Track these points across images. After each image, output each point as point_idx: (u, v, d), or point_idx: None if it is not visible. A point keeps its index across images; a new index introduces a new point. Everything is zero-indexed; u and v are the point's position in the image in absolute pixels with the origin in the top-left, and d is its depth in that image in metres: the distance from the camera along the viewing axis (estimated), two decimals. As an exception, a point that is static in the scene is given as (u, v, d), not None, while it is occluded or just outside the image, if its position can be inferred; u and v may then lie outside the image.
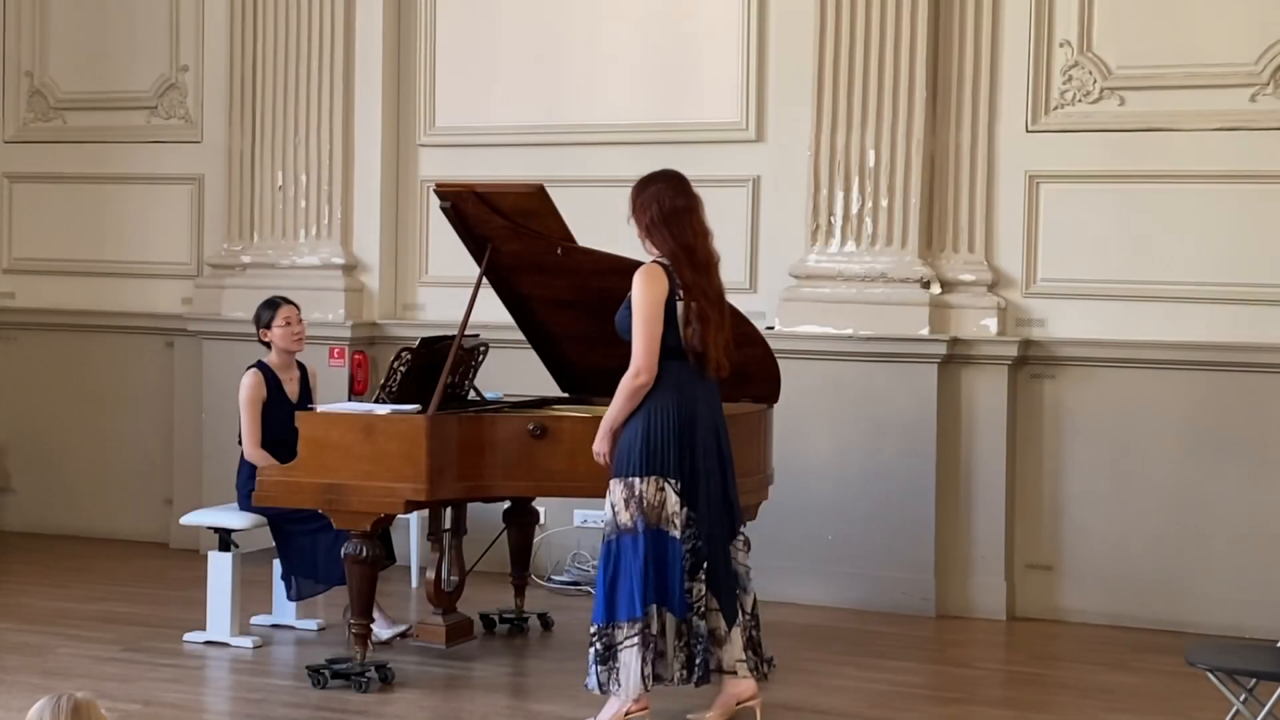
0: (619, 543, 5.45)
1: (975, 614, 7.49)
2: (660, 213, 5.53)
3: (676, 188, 5.59)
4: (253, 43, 8.62)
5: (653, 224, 5.54)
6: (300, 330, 6.92)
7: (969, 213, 7.60)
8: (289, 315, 6.88)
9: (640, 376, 5.43)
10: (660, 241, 5.54)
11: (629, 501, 5.44)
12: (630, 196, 5.63)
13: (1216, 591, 7.23)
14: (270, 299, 6.99)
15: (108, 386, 9.15)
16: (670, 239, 5.52)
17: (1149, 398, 7.35)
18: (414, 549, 7.90)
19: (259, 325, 6.91)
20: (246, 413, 6.72)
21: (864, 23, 7.57)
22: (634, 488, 5.44)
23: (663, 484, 5.45)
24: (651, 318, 5.42)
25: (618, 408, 5.50)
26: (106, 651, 6.59)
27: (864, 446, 7.55)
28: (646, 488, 5.44)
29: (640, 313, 5.42)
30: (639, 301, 5.43)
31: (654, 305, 5.42)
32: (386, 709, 5.85)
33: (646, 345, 5.42)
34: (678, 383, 5.49)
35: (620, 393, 5.48)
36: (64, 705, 3.06)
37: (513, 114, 8.36)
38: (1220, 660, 5.03)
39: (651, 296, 5.42)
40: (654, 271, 5.48)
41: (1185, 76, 7.29)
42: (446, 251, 7.94)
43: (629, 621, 5.41)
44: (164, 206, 9.04)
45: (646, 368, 5.43)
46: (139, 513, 9.03)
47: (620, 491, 5.46)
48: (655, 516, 5.44)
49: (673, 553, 5.44)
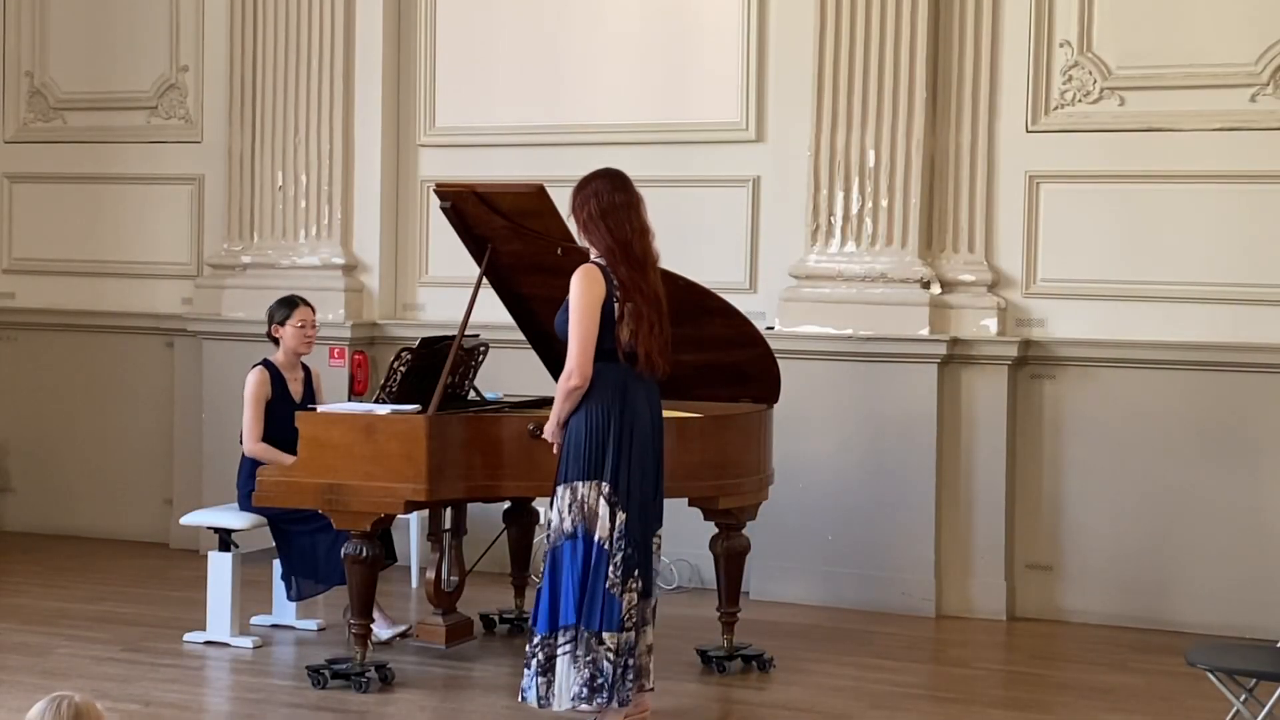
0: (561, 548, 5.39)
1: (975, 614, 7.49)
2: (598, 207, 5.45)
3: (615, 184, 5.51)
4: (253, 43, 8.63)
5: (590, 219, 5.46)
6: (313, 334, 6.92)
7: (969, 213, 7.60)
8: (305, 318, 6.87)
9: (573, 379, 5.37)
10: (597, 238, 5.46)
11: (572, 506, 5.39)
12: (570, 195, 5.58)
13: (1216, 591, 7.23)
14: (288, 297, 6.96)
15: (108, 386, 9.15)
16: (607, 234, 5.44)
17: (1149, 398, 7.35)
18: (414, 549, 7.90)
19: (271, 320, 6.88)
20: (250, 408, 6.71)
21: (864, 23, 7.57)
22: (577, 491, 5.40)
23: (600, 488, 5.39)
24: (588, 320, 5.34)
25: (556, 409, 5.46)
26: (106, 651, 6.59)
27: (864, 446, 7.55)
28: (588, 492, 5.39)
29: (575, 314, 5.35)
30: (575, 303, 5.36)
31: (590, 307, 5.34)
32: (386, 709, 5.86)
33: (581, 347, 5.35)
34: (618, 383, 5.42)
35: (558, 396, 5.45)
36: (64, 710, 3.03)
37: (513, 114, 8.36)
38: (1220, 660, 5.03)
39: (588, 298, 5.35)
40: (591, 273, 5.40)
41: (1185, 76, 7.29)
42: (446, 251, 7.94)
43: (565, 628, 5.37)
44: (164, 206, 9.04)
45: (579, 370, 5.35)
46: (139, 513, 9.03)
47: (565, 496, 5.41)
48: (592, 523, 5.39)
49: (600, 561, 5.37)
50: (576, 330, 5.34)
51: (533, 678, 5.40)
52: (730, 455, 6.20)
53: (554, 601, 5.39)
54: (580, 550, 5.37)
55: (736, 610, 6.47)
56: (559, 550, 5.40)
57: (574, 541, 5.37)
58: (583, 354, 5.34)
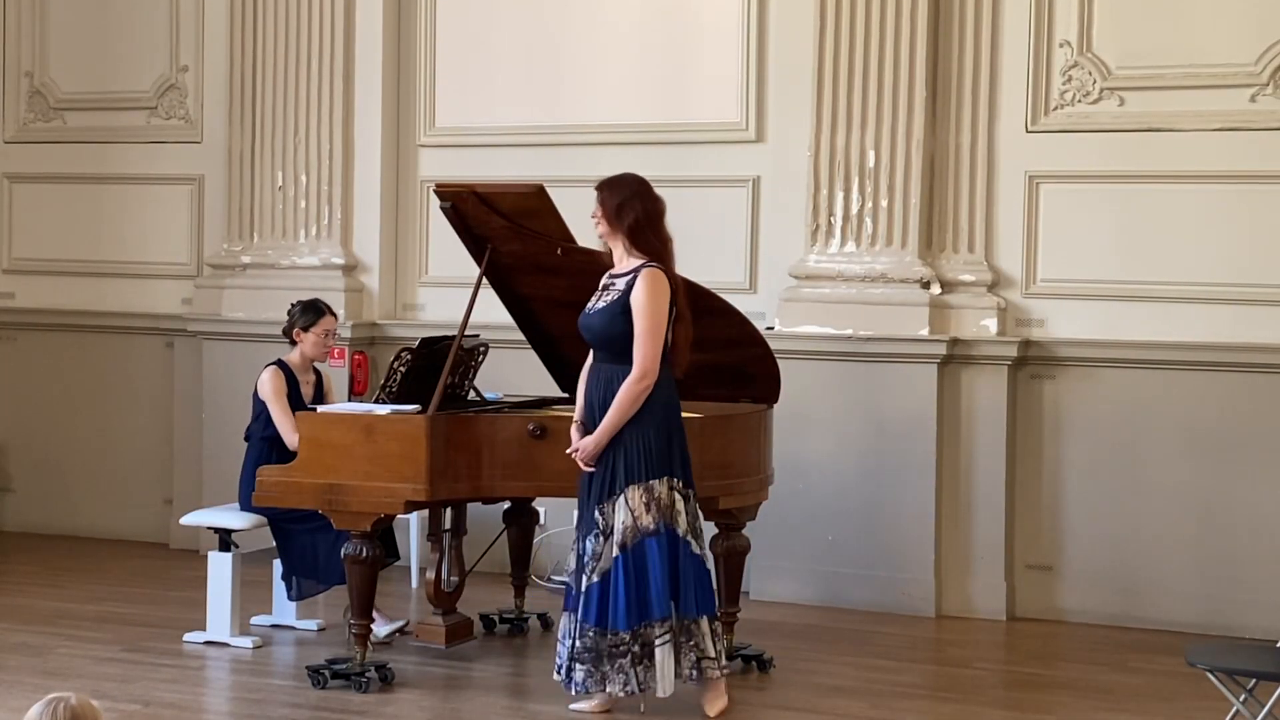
0: (642, 545, 5.54)
1: (975, 614, 7.49)
2: (644, 211, 5.67)
3: (651, 190, 5.75)
4: (253, 43, 8.62)
5: (637, 225, 5.65)
6: (332, 344, 6.94)
7: (969, 213, 7.60)
8: (329, 327, 6.88)
9: (647, 379, 5.55)
10: (645, 242, 5.66)
11: (650, 505, 5.55)
12: (602, 197, 5.72)
13: (1216, 591, 7.23)
14: (314, 303, 6.94)
15: (108, 386, 9.14)
16: (654, 238, 5.67)
17: (1149, 398, 7.35)
18: (414, 549, 7.90)
19: (294, 325, 6.86)
20: (276, 404, 6.69)
21: (864, 23, 7.57)
22: (653, 490, 5.57)
23: (674, 484, 5.59)
24: (661, 323, 5.57)
25: (623, 413, 5.56)
26: (106, 651, 6.58)
27: (864, 446, 7.55)
28: (664, 489, 5.58)
29: (652, 318, 5.54)
30: (650, 306, 5.53)
31: (663, 311, 5.58)
32: (386, 709, 5.85)
33: (656, 349, 5.56)
34: (670, 382, 5.67)
35: (626, 398, 5.55)
36: (61, 712, 3.02)
37: (513, 114, 8.36)
38: (1220, 660, 5.03)
39: (662, 302, 5.57)
40: (659, 276, 5.60)
41: (1185, 76, 7.29)
42: (446, 251, 7.94)
43: (661, 620, 5.53)
44: (164, 206, 9.04)
45: (654, 371, 5.56)
46: (139, 513, 9.02)
47: (639, 496, 5.56)
48: (672, 517, 5.59)
49: (685, 552, 5.61)
50: (653, 333, 5.55)
51: (630, 670, 5.52)
52: (730, 455, 6.20)
53: (641, 596, 5.53)
54: (665, 545, 5.56)
55: (736, 610, 6.46)
56: (642, 547, 5.56)
57: (658, 538, 5.57)
58: (656, 355, 5.57)
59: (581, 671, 5.57)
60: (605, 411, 5.61)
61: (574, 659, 5.60)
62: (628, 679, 5.53)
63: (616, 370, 5.63)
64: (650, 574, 5.54)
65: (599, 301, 5.74)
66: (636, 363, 5.56)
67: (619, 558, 5.56)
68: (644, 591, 5.54)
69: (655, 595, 5.54)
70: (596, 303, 5.75)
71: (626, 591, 5.54)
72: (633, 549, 5.55)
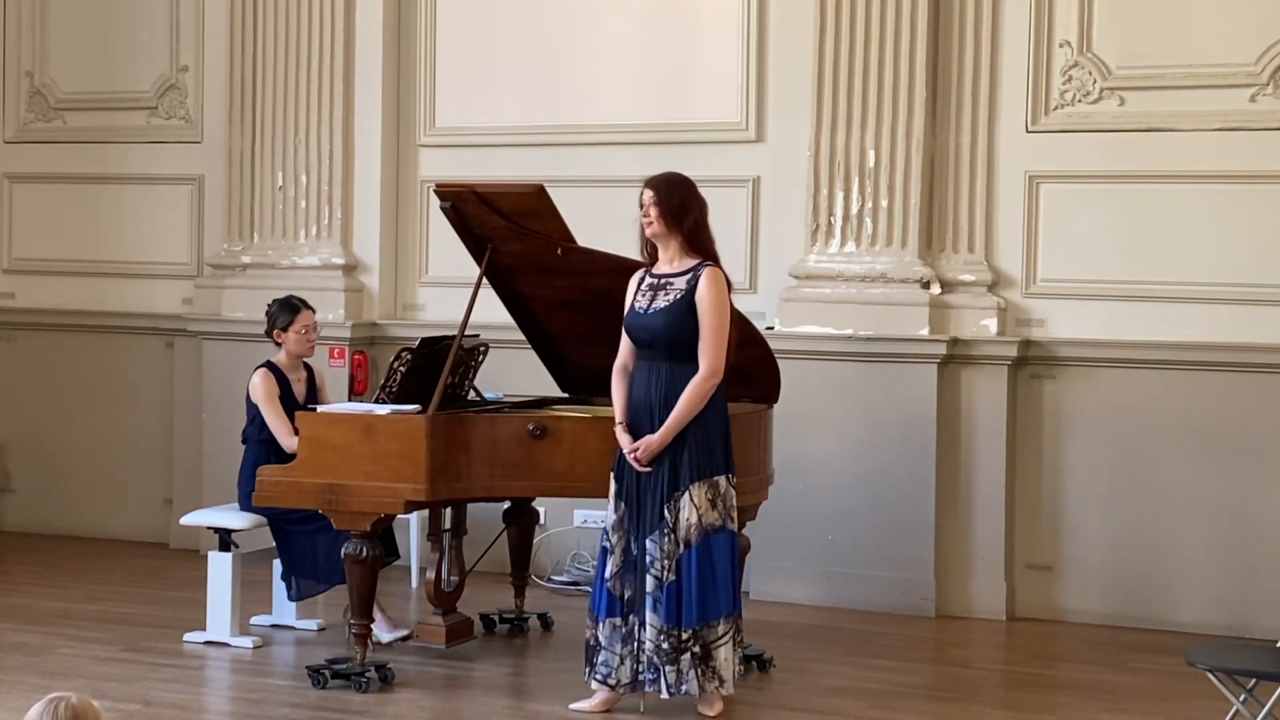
0: (708, 542, 5.58)
1: (975, 614, 7.49)
2: (701, 212, 5.76)
3: (699, 190, 5.82)
4: (253, 43, 8.62)
5: (698, 224, 5.74)
6: (315, 337, 6.91)
7: (969, 213, 7.60)
8: (307, 322, 6.85)
9: (716, 377, 5.64)
10: (702, 241, 5.74)
11: (716, 501, 5.62)
12: (659, 195, 5.69)
13: (1216, 591, 7.23)
14: (288, 301, 6.91)
15: (108, 386, 9.15)
16: (708, 239, 5.76)
17: (1149, 398, 7.35)
18: (414, 549, 7.90)
19: (274, 326, 6.85)
20: (269, 408, 6.68)
21: (864, 23, 7.57)
22: (718, 487, 5.64)
23: (731, 480, 5.69)
24: (727, 322, 5.67)
25: (690, 411, 5.59)
26: (106, 651, 6.58)
27: (864, 446, 7.55)
28: (727, 486, 5.67)
29: (720, 317, 5.62)
30: (719, 305, 5.61)
31: (728, 310, 5.68)
32: (386, 709, 5.85)
33: (723, 348, 5.65)
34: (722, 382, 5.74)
35: (696, 396, 5.60)
36: (62, 711, 3.02)
37: (512, 114, 8.36)
38: (1220, 660, 5.03)
39: (728, 300, 5.68)
40: (722, 276, 5.71)
41: (1185, 76, 7.29)
42: (446, 251, 7.94)
43: (727, 617, 5.60)
44: (164, 206, 9.04)
45: (722, 369, 5.65)
46: (139, 513, 9.03)
47: (705, 492, 5.60)
48: (734, 513, 5.71)
49: (737, 548, 5.76)
50: (722, 331, 5.64)
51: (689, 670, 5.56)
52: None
53: (712, 592, 5.59)
54: (728, 540, 5.65)
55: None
56: (713, 542, 5.61)
57: (726, 534, 5.64)
58: (724, 354, 5.65)
59: (672, 673, 5.57)
60: (666, 411, 5.60)
61: (664, 662, 5.56)
62: (690, 678, 5.57)
63: (677, 369, 5.64)
64: (717, 570, 5.59)
65: (655, 301, 5.69)
66: (706, 361, 5.59)
67: (685, 555, 5.58)
68: (711, 588, 5.59)
69: (720, 592, 5.60)
70: (650, 303, 5.70)
71: (698, 588, 5.56)
72: (698, 546, 5.58)
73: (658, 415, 5.63)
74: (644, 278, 5.79)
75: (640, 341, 5.73)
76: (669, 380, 5.64)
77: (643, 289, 5.76)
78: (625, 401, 5.75)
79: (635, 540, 5.67)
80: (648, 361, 5.72)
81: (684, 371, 5.62)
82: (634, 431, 5.67)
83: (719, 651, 5.60)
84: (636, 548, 5.66)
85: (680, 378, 5.62)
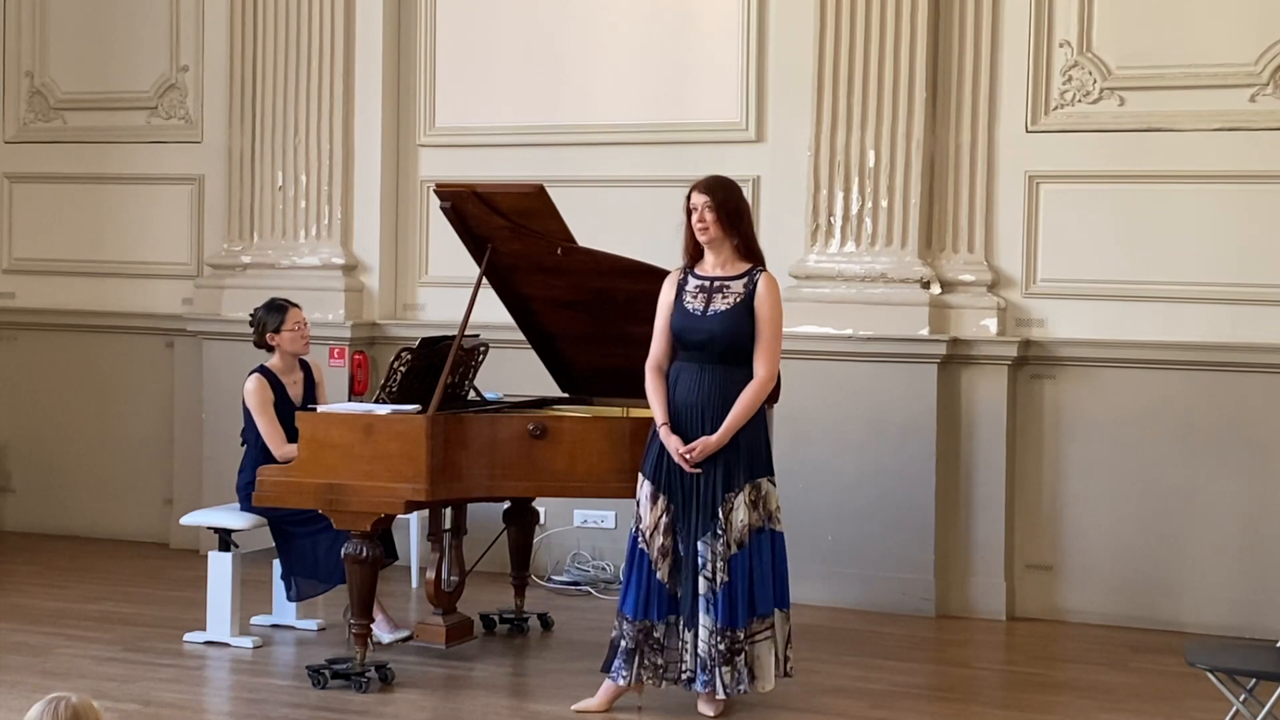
0: (756, 541, 5.62)
1: (975, 614, 7.49)
2: (750, 217, 5.86)
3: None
4: (253, 43, 8.63)
5: (750, 228, 5.82)
6: (308, 333, 6.88)
7: (969, 213, 7.60)
8: (298, 319, 6.83)
9: (773, 381, 5.72)
10: (753, 246, 5.80)
11: (758, 502, 5.66)
12: (717, 200, 5.68)
13: (1216, 591, 7.23)
14: (273, 303, 6.88)
15: (108, 386, 9.15)
16: (757, 244, 5.84)
17: (1149, 398, 7.35)
18: (414, 549, 7.90)
19: (264, 330, 6.80)
20: (262, 416, 6.65)
21: (864, 23, 7.57)
22: (761, 488, 5.68)
23: (773, 481, 5.75)
24: (782, 326, 5.77)
25: (747, 413, 5.63)
26: (106, 651, 6.58)
27: (864, 446, 7.55)
28: (771, 486, 5.72)
29: (777, 322, 5.72)
30: (777, 310, 5.71)
31: (782, 314, 5.76)
32: (386, 709, 5.85)
33: (779, 352, 5.73)
34: None
35: (754, 399, 5.64)
36: (62, 711, 3.02)
37: (513, 114, 8.36)
38: (1220, 660, 5.03)
39: (781, 306, 5.77)
40: (776, 281, 5.76)
41: (1185, 76, 7.30)
42: (446, 251, 7.94)
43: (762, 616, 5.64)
44: (164, 206, 9.04)
45: (777, 373, 5.73)
46: (139, 513, 9.03)
47: (750, 494, 5.63)
48: (776, 514, 5.74)
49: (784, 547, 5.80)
50: (779, 335, 5.74)
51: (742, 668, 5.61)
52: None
53: (752, 594, 5.61)
54: (773, 540, 5.69)
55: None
56: (762, 540, 5.64)
57: (770, 534, 5.68)
58: (778, 359, 5.74)
59: (728, 673, 5.58)
60: (722, 413, 5.60)
61: (719, 663, 5.56)
62: (743, 679, 5.61)
63: (732, 372, 5.64)
64: (763, 570, 5.62)
65: (712, 303, 5.67)
66: (764, 365, 5.64)
67: (738, 556, 5.60)
68: (758, 588, 5.62)
69: (765, 591, 5.63)
70: (707, 305, 5.68)
71: (746, 588, 5.60)
72: (751, 545, 5.61)
73: (711, 417, 5.61)
74: (685, 279, 5.77)
75: (693, 344, 5.69)
76: (724, 382, 5.63)
77: (691, 290, 5.73)
78: (666, 402, 5.72)
79: (684, 541, 5.66)
80: (697, 363, 5.68)
81: (737, 374, 5.64)
82: (683, 433, 5.65)
83: (759, 649, 5.63)
84: (684, 548, 5.65)
85: (735, 380, 5.63)
